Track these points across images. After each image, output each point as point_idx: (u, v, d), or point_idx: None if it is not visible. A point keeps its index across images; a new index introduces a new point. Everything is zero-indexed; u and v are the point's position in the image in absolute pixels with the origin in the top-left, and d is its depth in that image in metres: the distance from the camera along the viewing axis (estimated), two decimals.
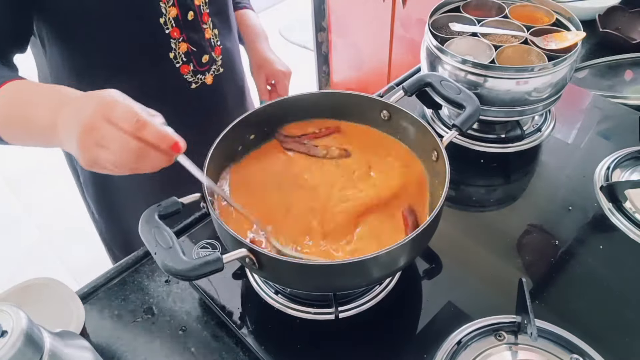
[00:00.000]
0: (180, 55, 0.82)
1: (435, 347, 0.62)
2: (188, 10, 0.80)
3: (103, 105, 0.52)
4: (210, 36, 0.86)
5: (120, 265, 0.76)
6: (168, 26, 0.79)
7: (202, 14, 0.83)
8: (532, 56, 0.88)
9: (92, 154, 0.53)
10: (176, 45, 0.81)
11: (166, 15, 0.78)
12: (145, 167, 0.54)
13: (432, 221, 0.57)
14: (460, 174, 0.87)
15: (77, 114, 0.53)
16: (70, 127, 0.54)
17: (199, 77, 0.87)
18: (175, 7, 0.78)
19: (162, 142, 0.53)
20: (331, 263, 0.56)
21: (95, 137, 0.52)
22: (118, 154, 0.52)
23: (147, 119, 0.52)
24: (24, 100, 0.62)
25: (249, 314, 0.68)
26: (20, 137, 0.65)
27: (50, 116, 0.57)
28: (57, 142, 0.59)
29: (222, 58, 0.89)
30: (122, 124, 0.51)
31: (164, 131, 0.53)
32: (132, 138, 0.51)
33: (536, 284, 0.70)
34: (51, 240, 2.16)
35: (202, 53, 0.85)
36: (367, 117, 0.76)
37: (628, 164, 0.87)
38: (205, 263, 0.51)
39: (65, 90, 0.59)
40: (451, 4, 0.99)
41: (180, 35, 0.81)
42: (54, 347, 0.45)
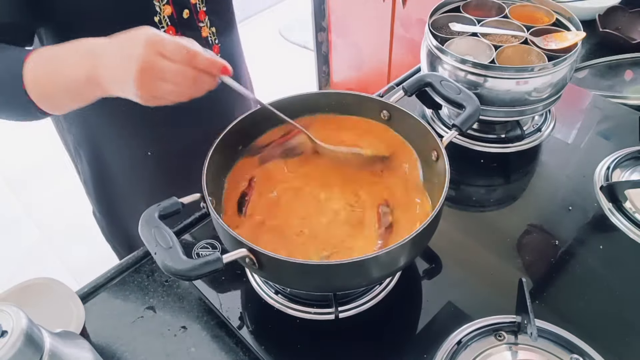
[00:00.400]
0: None
1: (435, 347, 0.62)
2: (183, 9, 0.79)
3: (152, 42, 0.54)
4: (208, 34, 0.85)
5: (120, 265, 0.76)
6: (163, 25, 0.78)
7: (199, 12, 0.82)
8: (532, 56, 0.88)
9: (153, 89, 0.56)
10: None
11: (160, 14, 0.77)
12: (199, 91, 0.59)
13: (432, 221, 0.57)
14: (460, 174, 0.87)
15: (124, 57, 0.55)
16: (120, 70, 0.56)
17: None
18: (170, 5, 0.77)
19: (213, 67, 0.58)
20: (331, 263, 0.56)
21: (155, 73, 0.55)
22: (178, 84, 0.56)
23: (195, 49, 0.56)
24: (53, 64, 0.63)
25: (249, 314, 0.68)
26: (61, 102, 0.66)
27: (88, 67, 0.59)
28: (100, 90, 0.60)
29: (220, 56, 0.88)
30: (175, 57, 0.55)
31: (212, 57, 0.58)
32: (187, 67, 0.55)
33: (536, 284, 0.70)
34: (51, 240, 2.16)
35: None
36: (367, 117, 0.76)
37: (628, 164, 0.86)
38: (205, 263, 0.51)
39: (91, 42, 0.60)
40: (451, 4, 0.99)
41: (176, 34, 0.80)
42: (54, 347, 0.45)
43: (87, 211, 1.08)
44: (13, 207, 2.32)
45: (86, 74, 0.59)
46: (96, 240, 1.11)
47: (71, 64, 0.61)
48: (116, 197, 0.98)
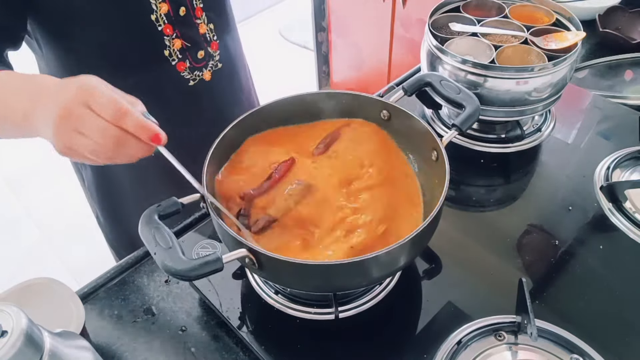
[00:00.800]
0: (175, 52, 0.81)
1: (435, 347, 0.62)
2: (179, 6, 0.79)
3: (83, 91, 0.50)
4: (205, 31, 0.85)
5: (120, 265, 0.76)
6: (160, 23, 0.78)
7: (195, 9, 0.82)
8: (532, 56, 0.88)
9: (69, 140, 0.51)
10: (170, 42, 0.80)
11: (157, 12, 0.77)
12: (123, 156, 0.53)
13: (432, 221, 0.57)
14: (460, 174, 0.87)
15: (55, 100, 0.52)
16: (48, 113, 0.52)
17: (197, 74, 0.86)
18: (166, 3, 0.77)
19: (142, 132, 0.52)
20: (331, 263, 0.55)
21: (74, 123, 0.50)
22: (96, 141, 0.51)
23: (127, 107, 0.51)
24: (2, 91, 0.60)
25: (249, 314, 0.68)
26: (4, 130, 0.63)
27: (27, 105, 0.56)
28: (34, 130, 0.57)
29: (220, 53, 0.88)
30: (102, 112, 0.50)
31: (145, 121, 0.52)
32: (112, 126, 0.50)
33: (536, 284, 0.70)
34: (51, 240, 2.16)
35: (197, 49, 0.84)
36: (367, 117, 0.76)
37: (628, 164, 0.87)
38: (205, 263, 0.51)
39: (42, 79, 0.58)
40: (451, 4, 0.99)
41: (174, 32, 0.80)
42: (54, 347, 0.45)
43: (87, 211, 1.08)
44: (13, 207, 2.32)
45: (23, 111, 0.56)
46: (96, 240, 1.12)
47: (15, 96, 0.58)
48: (120, 201, 0.98)
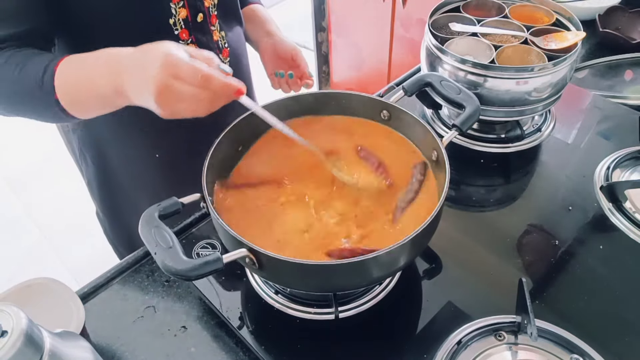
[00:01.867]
0: None
1: (435, 347, 0.62)
2: (198, 12, 0.80)
3: (167, 65, 0.55)
4: (218, 38, 0.86)
5: (120, 265, 0.76)
6: (177, 27, 0.79)
7: (211, 16, 0.83)
8: (532, 56, 0.88)
9: (170, 108, 0.57)
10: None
11: (176, 16, 0.78)
12: (216, 108, 0.60)
13: (432, 221, 0.57)
14: (460, 174, 0.87)
15: (143, 78, 0.57)
16: (141, 89, 0.57)
17: None
18: (185, 9, 0.78)
19: (227, 90, 0.58)
20: (331, 263, 0.55)
21: (171, 95, 0.56)
22: (195, 104, 0.57)
23: (209, 72, 0.56)
24: (81, 75, 0.64)
25: (249, 314, 0.68)
26: (94, 109, 0.67)
27: (114, 79, 0.60)
28: (128, 101, 0.61)
29: (229, 60, 0.89)
30: (190, 80, 0.55)
31: (226, 81, 0.58)
32: (202, 90, 0.56)
33: (536, 284, 0.70)
34: (51, 240, 2.16)
35: None
36: (366, 117, 0.76)
37: (628, 164, 0.87)
38: (205, 263, 0.51)
39: (113, 52, 0.62)
40: (451, 4, 0.99)
41: (189, 37, 0.81)
42: (54, 347, 0.45)
43: (87, 211, 1.09)
44: (13, 207, 2.32)
45: (114, 85, 0.60)
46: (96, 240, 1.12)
47: (99, 74, 0.62)
48: (120, 197, 0.98)
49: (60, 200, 2.25)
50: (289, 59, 0.96)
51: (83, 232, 2.02)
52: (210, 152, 0.65)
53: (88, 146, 0.94)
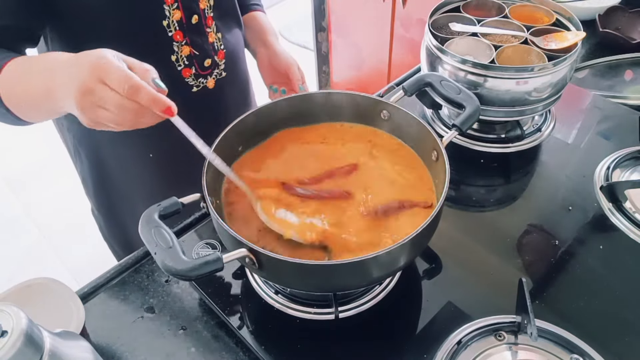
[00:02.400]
0: (182, 59, 0.82)
1: (435, 347, 0.62)
2: (192, 14, 0.80)
3: (97, 67, 0.53)
4: (214, 40, 0.85)
5: (120, 265, 0.76)
6: (171, 29, 0.78)
7: (207, 18, 0.83)
8: (532, 56, 0.88)
9: (92, 114, 0.55)
10: (179, 48, 0.81)
11: (169, 18, 0.77)
12: (144, 123, 0.56)
13: (432, 221, 0.57)
14: (460, 174, 0.87)
15: (72, 77, 0.54)
16: (68, 90, 0.55)
17: (201, 81, 0.86)
18: (180, 10, 0.78)
19: (155, 106, 0.54)
20: (331, 263, 0.56)
21: (93, 99, 0.53)
22: (116, 114, 0.54)
23: (139, 83, 0.53)
24: (21, 74, 0.64)
25: (249, 314, 0.68)
26: (30, 112, 0.67)
27: (45, 83, 0.59)
28: (59, 106, 0.60)
29: (225, 62, 0.89)
30: (116, 87, 0.52)
31: (156, 95, 0.54)
32: (128, 100, 0.53)
33: (536, 284, 0.70)
34: (51, 240, 2.16)
35: (204, 57, 0.84)
36: (367, 117, 0.76)
37: (628, 164, 0.87)
38: (205, 263, 0.51)
39: (55, 55, 0.61)
40: (451, 4, 0.99)
41: (184, 39, 0.80)
42: (54, 347, 0.45)
43: (87, 211, 1.08)
44: (13, 207, 2.32)
45: (45, 86, 0.59)
46: (96, 240, 1.11)
47: (35, 76, 0.61)
48: (115, 196, 0.98)
49: (60, 200, 2.25)
50: (284, 73, 0.94)
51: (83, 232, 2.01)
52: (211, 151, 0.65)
53: (83, 144, 0.94)
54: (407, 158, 0.73)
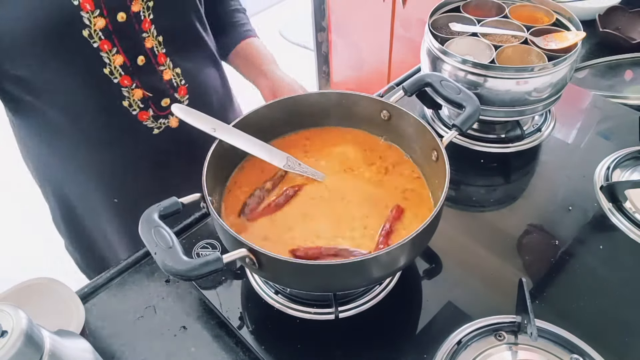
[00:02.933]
0: (136, 102, 0.78)
1: (435, 347, 0.62)
2: (137, 56, 0.75)
3: None
4: (171, 77, 0.80)
5: (120, 265, 0.76)
6: (115, 75, 0.74)
7: (158, 55, 0.77)
8: (532, 56, 0.88)
9: None
10: (129, 93, 0.76)
11: (111, 65, 0.73)
12: None
13: (432, 221, 0.57)
14: (460, 174, 0.87)
15: None
16: None
17: (162, 122, 0.81)
18: (121, 55, 0.73)
19: None
20: (331, 263, 0.55)
21: None
22: None
23: None
24: None
25: (249, 314, 0.68)
26: None
27: None
28: None
29: (189, 97, 0.83)
30: None
31: None
32: None
33: (536, 284, 0.70)
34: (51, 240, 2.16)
35: (161, 97, 0.80)
36: (366, 117, 0.76)
37: (628, 164, 0.87)
38: (205, 263, 0.51)
39: None
40: (451, 4, 0.99)
41: (133, 82, 0.76)
42: (54, 347, 0.45)
43: None
44: (12, 207, 2.32)
45: None
46: None
47: None
48: (85, 233, 0.95)
49: None
50: None
51: None
52: (211, 152, 0.65)
53: (49, 184, 0.91)
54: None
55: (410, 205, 0.67)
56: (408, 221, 0.65)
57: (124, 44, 0.73)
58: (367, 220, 0.65)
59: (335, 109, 0.76)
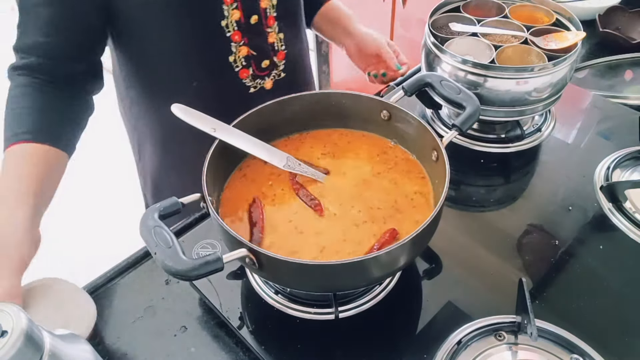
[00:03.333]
0: (240, 60, 0.81)
1: (435, 347, 0.62)
2: (252, 14, 0.79)
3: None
4: (275, 40, 0.84)
5: (120, 265, 0.76)
6: (229, 29, 0.78)
7: (268, 17, 0.81)
8: (532, 56, 0.88)
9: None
10: (236, 49, 0.80)
11: (228, 18, 0.77)
12: None
13: (432, 221, 0.57)
14: (460, 174, 0.87)
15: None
16: None
17: (258, 82, 0.85)
18: (239, 10, 0.77)
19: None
20: (331, 263, 0.55)
21: None
22: None
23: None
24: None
25: (249, 314, 0.68)
26: None
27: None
28: None
29: (284, 63, 0.88)
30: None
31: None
32: None
33: (536, 284, 0.70)
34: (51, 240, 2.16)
35: (262, 57, 0.84)
36: (366, 117, 0.76)
37: (628, 164, 0.87)
38: (205, 263, 0.51)
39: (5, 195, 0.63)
40: (451, 4, 0.99)
41: (242, 39, 0.80)
42: (54, 347, 0.45)
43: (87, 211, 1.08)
44: None
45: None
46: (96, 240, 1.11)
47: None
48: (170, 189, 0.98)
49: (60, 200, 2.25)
50: (376, 55, 0.95)
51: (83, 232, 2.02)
52: (211, 152, 0.65)
53: (146, 143, 0.95)
54: None
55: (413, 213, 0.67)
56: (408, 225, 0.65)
57: (244, 1, 0.77)
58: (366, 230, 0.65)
59: (335, 109, 0.76)
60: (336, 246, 0.62)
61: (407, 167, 0.72)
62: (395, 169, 0.72)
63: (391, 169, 0.72)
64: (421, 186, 0.70)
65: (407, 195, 0.68)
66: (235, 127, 0.69)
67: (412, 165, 0.73)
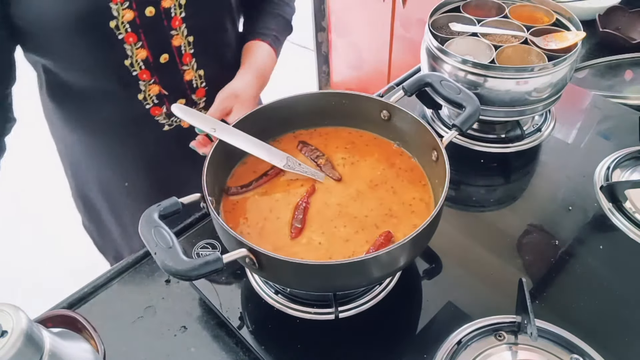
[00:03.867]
0: (151, 97, 0.78)
1: (435, 347, 0.62)
2: (162, 53, 0.75)
3: None
4: (192, 77, 0.80)
5: (120, 265, 0.76)
6: (135, 68, 0.74)
7: (183, 55, 0.77)
8: (532, 56, 0.88)
9: None
10: (146, 87, 0.77)
11: (133, 58, 0.73)
12: None
13: (432, 221, 0.57)
14: (460, 174, 0.87)
15: None
16: None
17: (174, 120, 0.82)
18: (145, 49, 0.73)
19: None
20: (331, 263, 0.55)
21: None
22: None
23: None
24: None
25: (249, 314, 0.68)
26: None
27: None
28: None
29: (206, 100, 0.83)
30: None
31: None
32: None
33: (536, 284, 0.70)
34: (51, 240, 2.16)
35: (177, 96, 0.80)
36: (366, 117, 0.76)
37: (628, 164, 0.87)
38: (205, 263, 0.51)
39: None
40: (451, 4, 0.99)
41: (151, 78, 0.76)
42: (54, 347, 0.45)
43: None
44: (12, 207, 2.32)
45: None
46: None
47: None
48: (102, 213, 0.97)
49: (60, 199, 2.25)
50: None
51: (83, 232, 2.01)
52: (211, 152, 0.65)
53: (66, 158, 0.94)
54: None
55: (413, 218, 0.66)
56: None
57: (149, 39, 0.73)
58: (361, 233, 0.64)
59: (335, 109, 0.76)
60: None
61: (410, 176, 0.71)
62: (397, 179, 0.71)
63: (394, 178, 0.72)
64: (422, 193, 0.69)
65: (405, 202, 0.68)
66: (236, 127, 0.69)
67: (415, 174, 0.72)
